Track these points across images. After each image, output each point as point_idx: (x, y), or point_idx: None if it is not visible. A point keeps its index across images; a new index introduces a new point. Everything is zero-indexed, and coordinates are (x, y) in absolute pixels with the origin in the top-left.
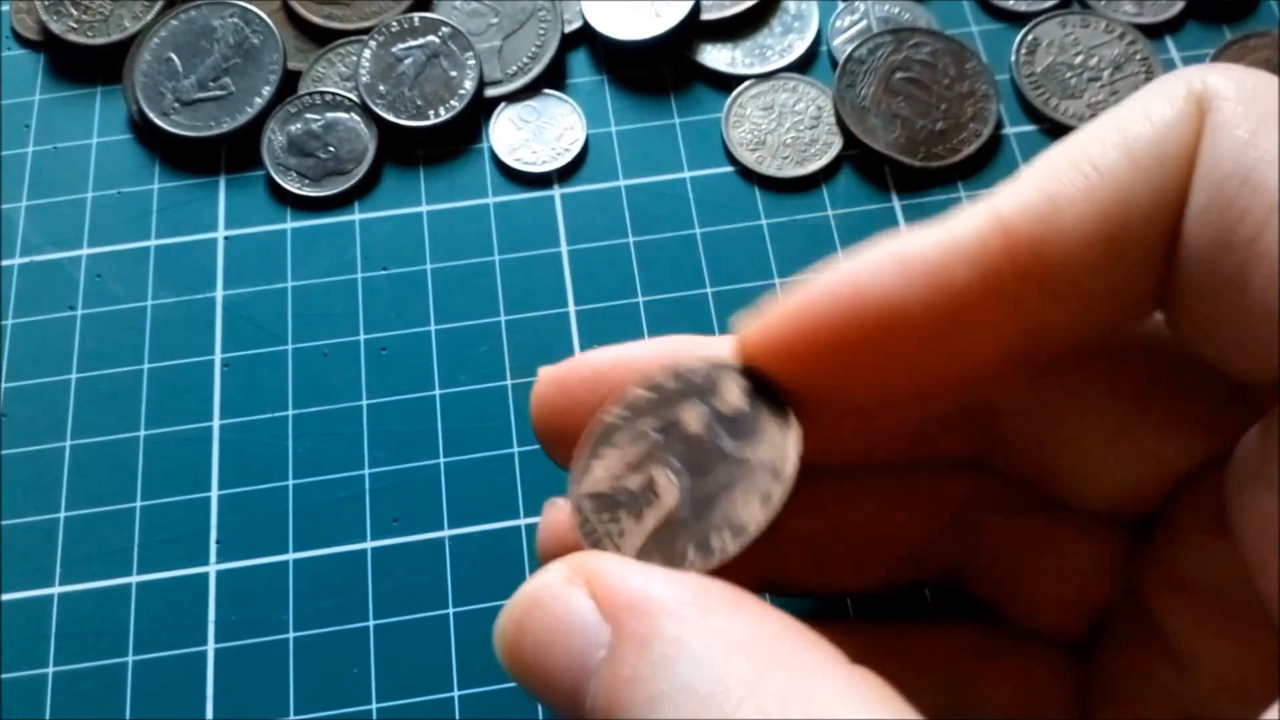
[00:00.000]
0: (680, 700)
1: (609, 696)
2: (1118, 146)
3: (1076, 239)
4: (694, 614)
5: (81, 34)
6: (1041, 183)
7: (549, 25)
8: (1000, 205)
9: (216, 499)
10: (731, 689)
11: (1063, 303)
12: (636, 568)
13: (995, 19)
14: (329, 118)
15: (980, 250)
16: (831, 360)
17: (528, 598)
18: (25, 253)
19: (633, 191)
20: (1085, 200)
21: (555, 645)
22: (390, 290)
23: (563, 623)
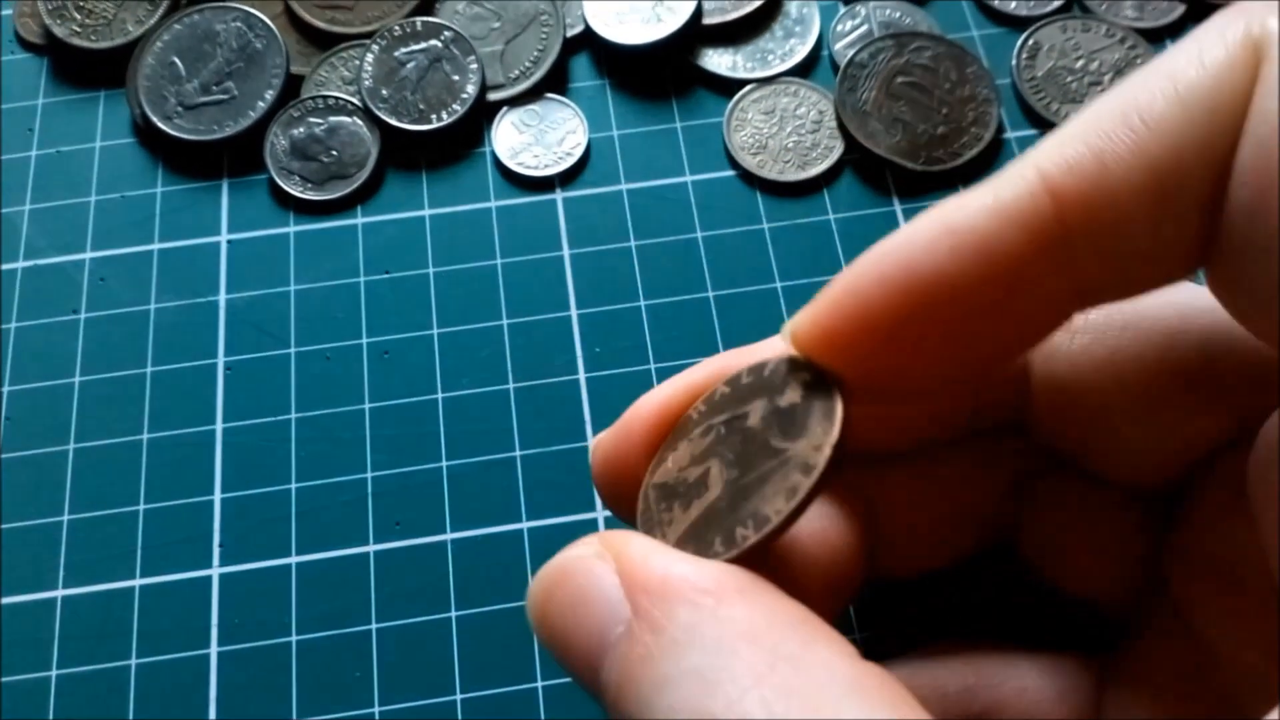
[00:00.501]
0: (688, 685)
1: (622, 673)
2: (1168, 96)
3: (1127, 197)
4: (709, 602)
5: (85, 38)
6: (1089, 138)
7: (551, 29)
8: (1045, 164)
9: (219, 502)
10: (738, 678)
11: (1114, 260)
12: (663, 551)
13: (996, 23)
14: (332, 122)
15: (1030, 214)
16: (887, 343)
17: (559, 566)
18: (29, 256)
19: (634, 195)
20: (1134, 156)
21: (578, 616)
22: (393, 294)
23: (587, 595)
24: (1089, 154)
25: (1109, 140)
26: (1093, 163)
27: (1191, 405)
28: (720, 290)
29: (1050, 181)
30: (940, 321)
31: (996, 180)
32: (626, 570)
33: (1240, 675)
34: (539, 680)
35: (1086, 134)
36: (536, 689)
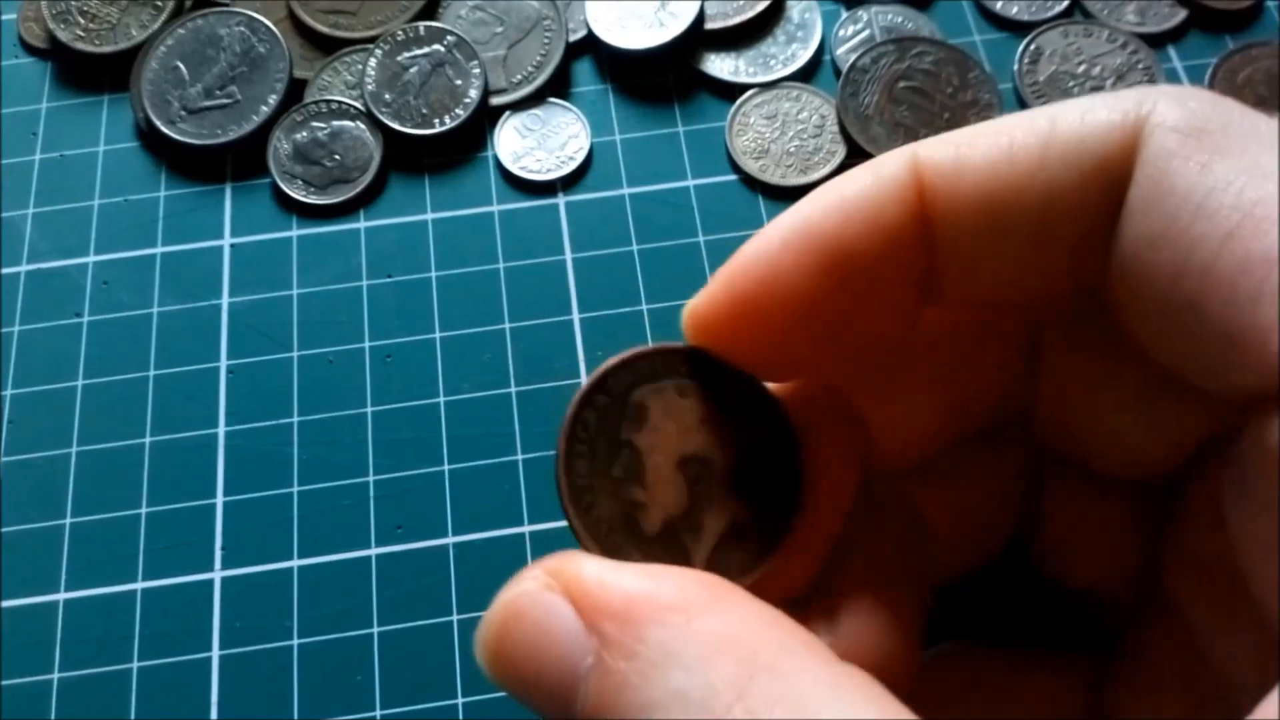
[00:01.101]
0: (673, 706)
1: (599, 704)
2: (1041, 133)
3: (967, 204)
4: (679, 618)
5: (88, 42)
6: (959, 140)
7: (553, 34)
8: (920, 151)
9: (221, 505)
10: (722, 692)
11: (962, 264)
12: (617, 570)
13: (998, 28)
14: (334, 126)
15: (903, 191)
16: (791, 308)
17: (507, 606)
18: (32, 260)
19: (636, 200)
20: (986, 169)
21: (539, 655)
22: (395, 298)
23: (546, 633)
24: (952, 153)
25: (973, 148)
26: (951, 162)
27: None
28: None
29: (920, 166)
30: (836, 288)
31: (878, 160)
32: (582, 597)
33: (1232, 671)
34: None
35: (962, 136)
36: None
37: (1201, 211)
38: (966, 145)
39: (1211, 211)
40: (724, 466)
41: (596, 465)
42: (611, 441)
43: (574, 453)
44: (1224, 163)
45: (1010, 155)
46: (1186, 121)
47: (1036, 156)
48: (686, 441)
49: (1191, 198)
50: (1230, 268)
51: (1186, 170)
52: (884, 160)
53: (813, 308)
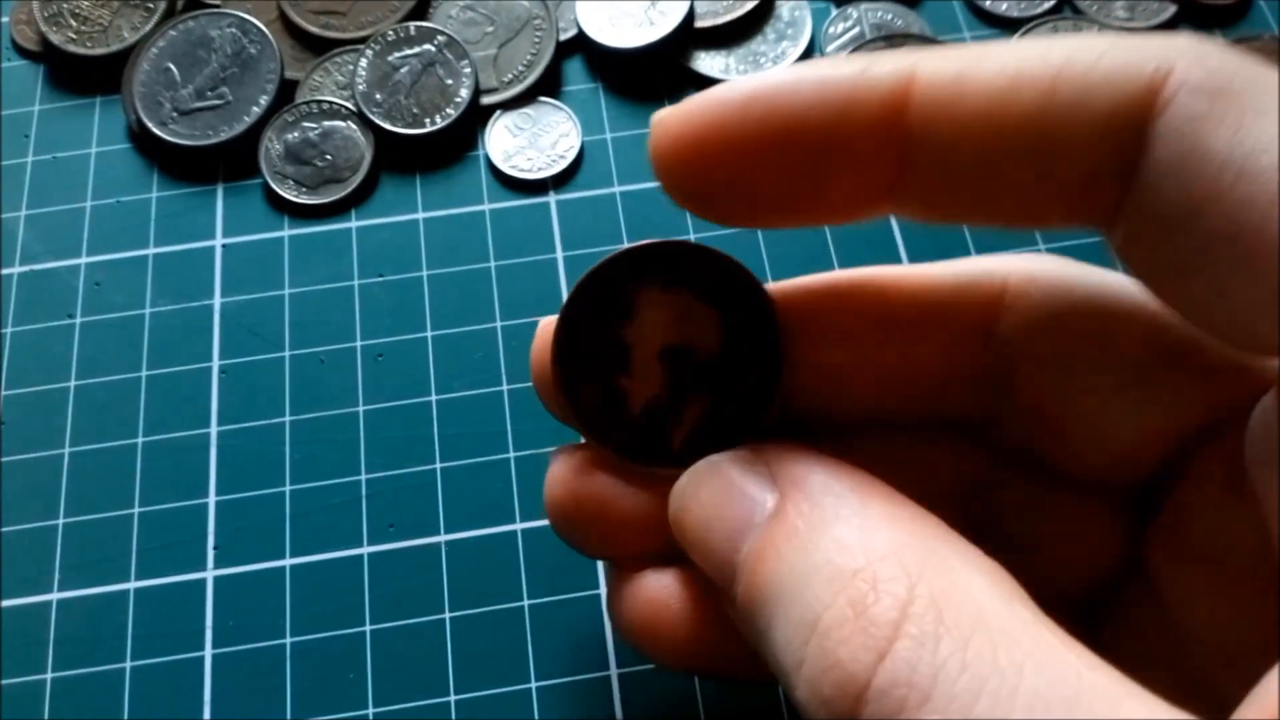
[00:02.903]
0: (834, 553)
1: (763, 546)
2: (1051, 69)
3: (957, 129)
4: (853, 498)
5: (80, 45)
6: (965, 58)
7: (544, 33)
8: (922, 63)
9: (214, 505)
10: (879, 547)
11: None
12: (810, 454)
13: (987, 25)
14: (326, 126)
15: (888, 93)
16: (740, 153)
17: (710, 463)
18: (25, 261)
19: (628, 198)
20: (986, 97)
21: (725, 503)
22: (387, 297)
23: (736, 484)
24: (954, 73)
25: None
26: (952, 83)
27: (1165, 389)
28: None
29: (917, 77)
30: (787, 156)
31: (878, 56)
32: (776, 465)
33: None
34: (533, 681)
35: (967, 59)
36: (530, 690)
37: (1244, 175)
38: (971, 65)
39: (1255, 174)
40: (706, 356)
41: (585, 355)
42: (600, 333)
43: (565, 342)
44: (1258, 124)
45: (1015, 86)
46: (1211, 82)
47: (1044, 93)
48: (671, 332)
49: (1231, 161)
50: None
51: (1221, 133)
52: (881, 60)
53: (766, 170)
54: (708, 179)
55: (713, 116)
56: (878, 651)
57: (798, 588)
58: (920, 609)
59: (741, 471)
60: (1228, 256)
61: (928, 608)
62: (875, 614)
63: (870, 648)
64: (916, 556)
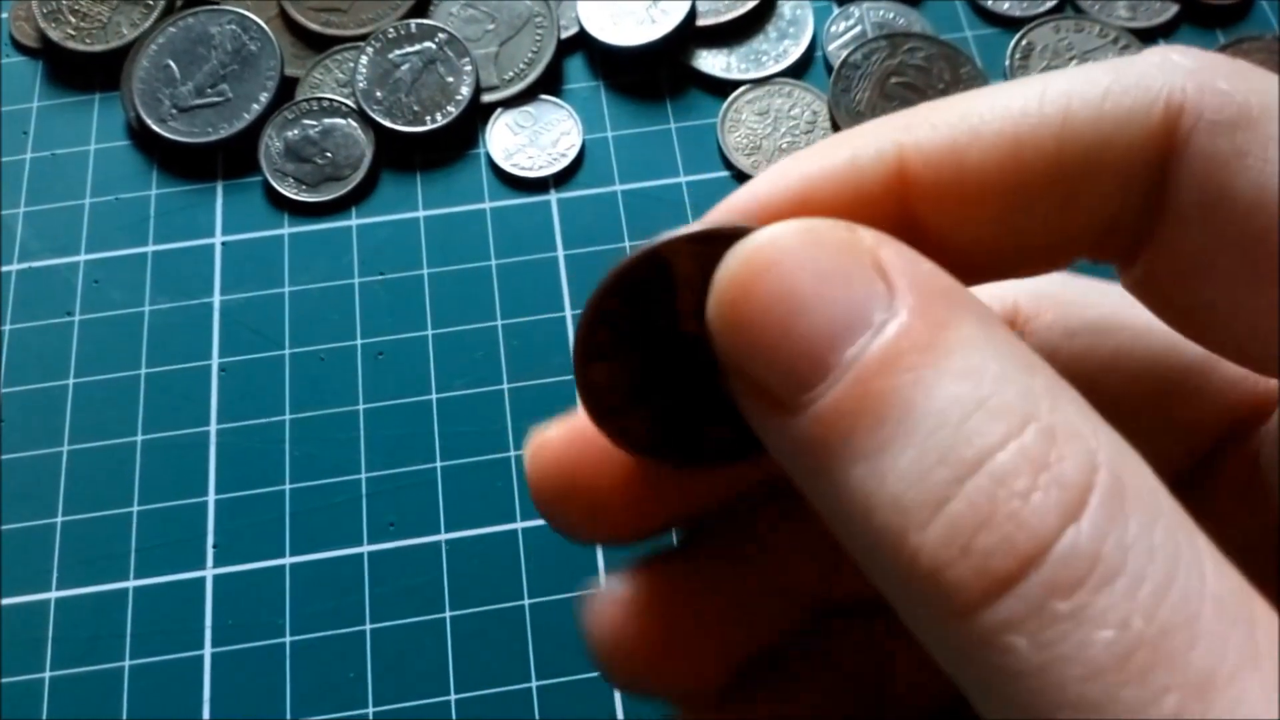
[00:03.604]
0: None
1: (899, 354)
2: (1053, 128)
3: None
4: (1007, 335)
5: (79, 41)
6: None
7: (545, 31)
8: (905, 142)
9: (213, 503)
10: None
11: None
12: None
13: (989, 24)
14: (326, 124)
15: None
16: None
17: (804, 226)
18: (23, 259)
19: (629, 196)
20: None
21: (835, 285)
22: (387, 295)
23: (841, 267)
24: (948, 150)
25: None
26: (949, 159)
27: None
28: None
29: (905, 161)
30: None
31: (856, 142)
32: (897, 261)
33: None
34: (534, 680)
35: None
36: (531, 689)
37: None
38: (964, 138)
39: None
40: None
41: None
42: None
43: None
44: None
45: (1018, 152)
46: (1227, 111)
47: (1051, 154)
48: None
49: (1263, 203)
50: None
51: (1248, 173)
52: (862, 144)
53: None
54: None
55: None
56: (1066, 513)
57: (948, 415)
58: (1105, 479)
59: (842, 252)
60: (1261, 299)
61: (1113, 479)
62: (1061, 471)
63: (1057, 507)
64: (1090, 419)
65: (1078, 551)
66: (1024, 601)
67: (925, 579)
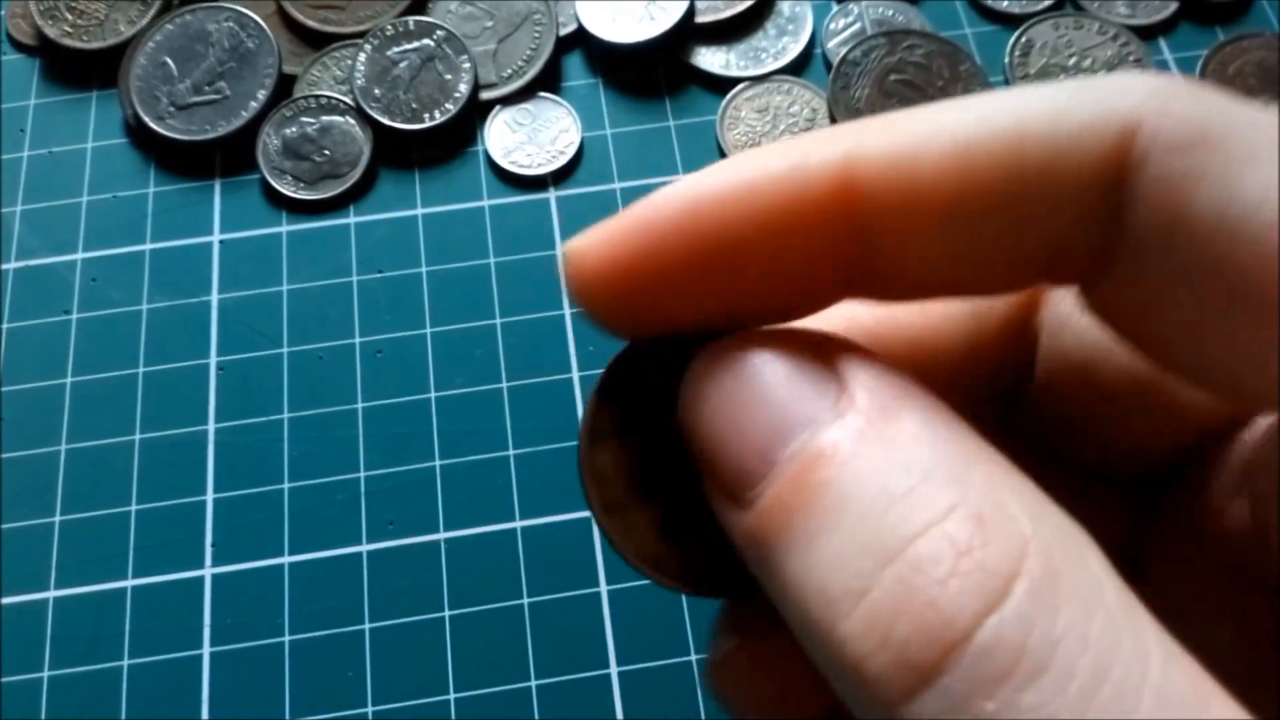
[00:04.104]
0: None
1: (829, 449)
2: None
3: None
4: (950, 422)
5: (77, 39)
6: (903, 145)
7: (544, 28)
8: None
9: (211, 502)
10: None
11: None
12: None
13: (989, 21)
14: (324, 121)
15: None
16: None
17: (760, 334)
18: (21, 257)
19: (628, 194)
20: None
21: (772, 386)
22: (385, 293)
23: (793, 370)
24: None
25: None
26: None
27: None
28: None
29: (853, 170)
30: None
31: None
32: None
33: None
34: (533, 679)
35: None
36: (530, 688)
37: (1237, 239)
38: (914, 150)
39: (1249, 238)
40: None
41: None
42: None
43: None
44: (1244, 177)
45: (970, 164)
46: (1185, 133)
47: (1004, 167)
48: None
49: (1222, 226)
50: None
51: (1205, 193)
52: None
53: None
54: (638, 309)
55: (634, 243)
56: (987, 601)
57: (872, 505)
58: (1036, 567)
59: (803, 356)
60: (1220, 325)
61: (1044, 567)
62: (985, 558)
63: (978, 594)
64: (1029, 506)
65: (1001, 643)
66: (946, 697)
67: (852, 670)
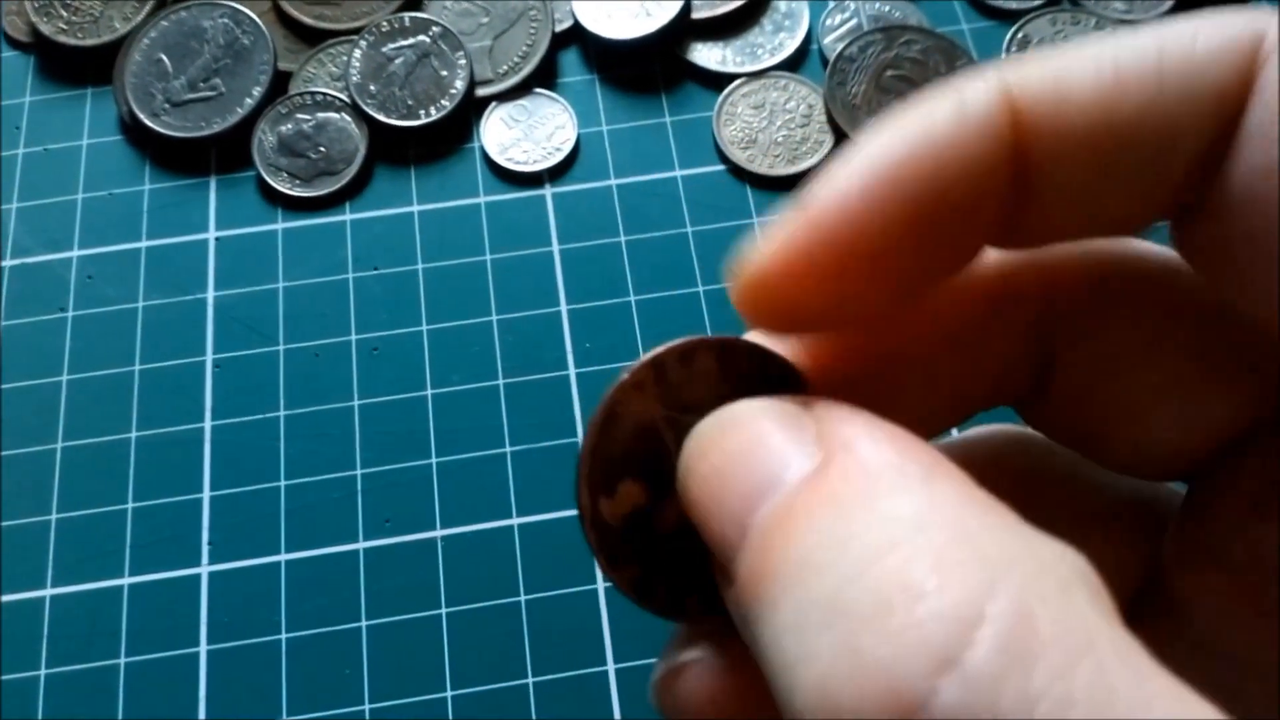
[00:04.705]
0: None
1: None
2: (1149, 62)
3: (1071, 141)
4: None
5: (71, 35)
6: (1056, 67)
7: (539, 24)
8: (1010, 80)
9: (208, 500)
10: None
11: (1060, 194)
12: (869, 418)
13: (986, 17)
14: (320, 118)
15: (996, 127)
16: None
17: (741, 408)
18: (16, 255)
19: (624, 190)
20: (1094, 101)
21: (749, 454)
22: (382, 290)
23: (768, 435)
24: (1052, 83)
25: (1076, 77)
26: (1053, 93)
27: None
28: (710, 285)
29: (1013, 99)
30: (920, 241)
31: (958, 88)
32: (824, 423)
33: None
34: (530, 677)
35: (1056, 64)
36: (528, 685)
37: None
38: (1066, 73)
39: None
40: None
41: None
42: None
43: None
44: None
45: (1120, 87)
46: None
47: (1151, 89)
48: None
49: None
50: None
51: None
52: (966, 89)
53: (892, 264)
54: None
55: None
56: (939, 658)
57: (823, 562)
58: (1005, 609)
59: (779, 420)
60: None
61: (1014, 611)
62: (937, 606)
63: (928, 650)
64: (998, 545)
65: (965, 708)
66: None
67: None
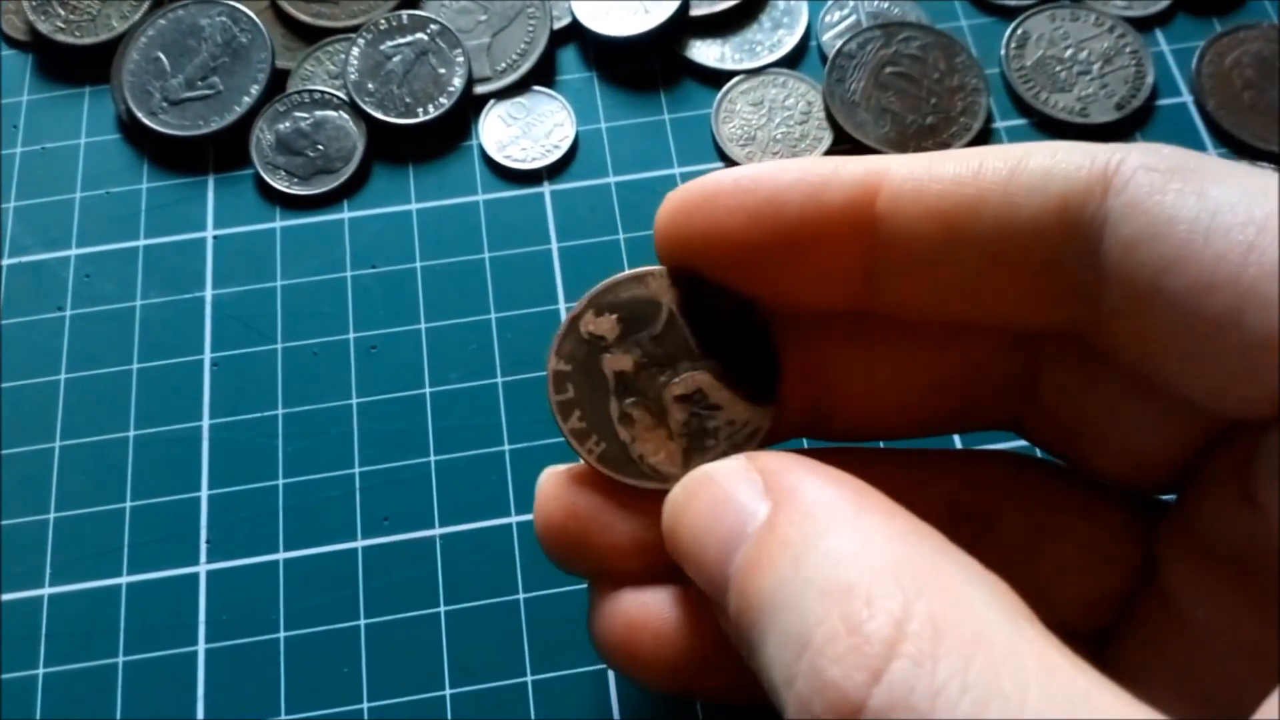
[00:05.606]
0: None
1: (754, 557)
2: (1011, 161)
3: (924, 215)
4: (849, 509)
5: (69, 34)
6: (931, 158)
7: (538, 22)
8: (892, 164)
9: (206, 498)
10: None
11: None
12: (805, 464)
13: (985, 13)
14: (317, 116)
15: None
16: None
17: (702, 473)
18: (13, 254)
19: (623, 188)
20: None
21: (717, 514)
22: (380, 288)
23: (728, 495)
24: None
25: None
26: (916, 182)
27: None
28: None
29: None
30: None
31: (855, 161)
32: (770, 476)
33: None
34: (529, 675)
35: (931, 156)
36: (526, 683)
37: (1214, 233)
38: (935, 163)
39: (1224, 231)
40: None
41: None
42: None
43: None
44: (1217, 189)
45: (977, 176)
46: (1164, 163)
47: (1003, 180)
48: None
49: (1199, 222)
50: (1259, 275)
51: (1183, 200)
52: (855, 160)
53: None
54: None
55: (706, 192)
56: (872, 671)
57: (789, 601)
58: (918, 627)
59: (733, 481)
60: (1210, 310)
61: (926, 626)
62: (869, 631)
63: (864, 666)
64: (914, 571)
65: (890, 703)
66: None
67: None
